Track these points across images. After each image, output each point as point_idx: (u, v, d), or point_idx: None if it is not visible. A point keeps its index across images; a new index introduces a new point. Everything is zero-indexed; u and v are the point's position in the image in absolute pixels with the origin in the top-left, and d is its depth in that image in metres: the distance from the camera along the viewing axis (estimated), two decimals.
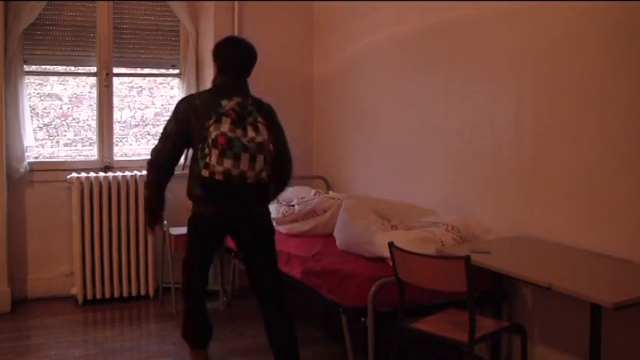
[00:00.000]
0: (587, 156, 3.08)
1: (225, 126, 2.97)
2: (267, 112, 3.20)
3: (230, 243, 4.66)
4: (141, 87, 5.18)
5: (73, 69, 4.99)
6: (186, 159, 3.29)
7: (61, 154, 4.99)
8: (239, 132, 2.98)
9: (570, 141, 3.16)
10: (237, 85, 3.23)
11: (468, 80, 3.79)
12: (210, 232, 3.30)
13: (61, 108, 5.01)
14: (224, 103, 3.04)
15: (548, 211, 3.28)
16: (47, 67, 4.87)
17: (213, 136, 2.97)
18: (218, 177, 2.96)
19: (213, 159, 2.95)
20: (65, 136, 5.00)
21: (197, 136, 3.09)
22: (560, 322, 3.21)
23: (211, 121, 3.00)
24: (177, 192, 5.15)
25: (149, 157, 3.32)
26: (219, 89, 3.21)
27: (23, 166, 4.64)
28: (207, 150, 2.97)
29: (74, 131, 5.05)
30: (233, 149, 2.95)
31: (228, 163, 2.95)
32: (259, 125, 3.05)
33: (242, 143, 2.96)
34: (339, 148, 5.10)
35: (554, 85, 3.25)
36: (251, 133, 3.00)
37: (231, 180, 2.96)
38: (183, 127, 3.18)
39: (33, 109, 4.87)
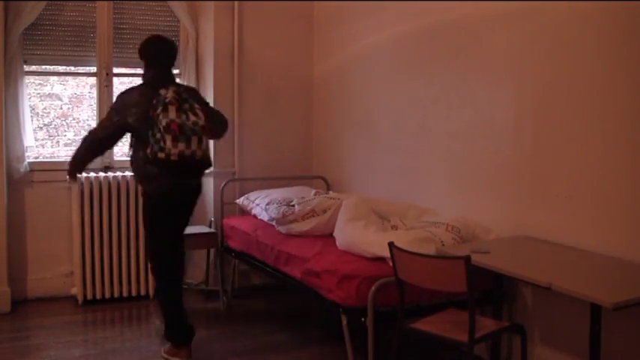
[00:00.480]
0: (587, 156, 3.08)
1: (173, 113, 3.41)
2: (197, 95, 3.76)
3: (232, 243, 4.68)
4: None
5: (73, 69, 4.99)
6: (131, 146, 3.69)
7: (61, 154, 4.99)
8: (183, 117, 3.43)
9: (570, 141, 3.16)
10: (167, 77, 3.67)
11: (468, 80, 3.79)
12: (167, 202, 3.64)
13: (61, 108, 5.02)
14: (162, 92, 3.47)
15: (548, 211, 3.28)
16: (47, 67, 4.87)
17: (164, 123, 3.39)
18: (173, 158, 3.42)
19: (169, 143, 3.40)
20: (65, 136, 5.00)
21: (141, 124, 3.50)
22: (560, 322, 3.21)
23: (159, 110, 3.41)
24: None
25: (87, 134, 3.73)
26: (152, 82, 3.61)
27: (23, 166, 4.64)
28: (159, 135, 3.41)
29: (74, 131, 5.05)
30: (185, 133, 3.42)
31: (181, 146, 3.42)
32: (197, 110, 3.50)
33: (190, 127, 3.44)
34: (339, 148, 5.10)
35: (553, 85, 3.25)
36: (193, 118, 3.46)
37: (184, 159, 3.44)
38: (123, 118, 3.57)
39: (33, 109, 4.87)
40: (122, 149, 5.09)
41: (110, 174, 4.76)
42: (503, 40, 3.53)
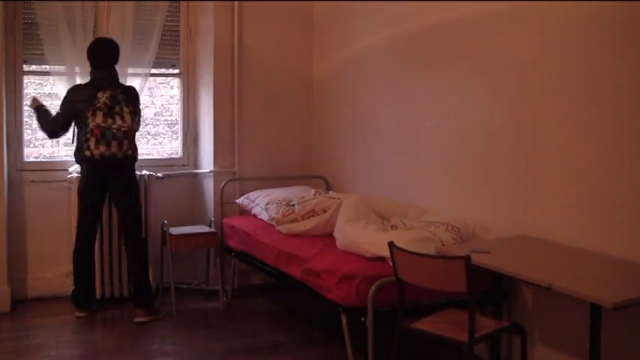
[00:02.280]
0: (587, 156, 3.08)
1: (99, 118, 4.16)
2: (132, 97, 4.34)
3: (232, 243, 4.69)
4: (141, 87, 5.16)
5: None
6: (73, 135, 4.34)
7: (61, 154, 4.99)
8: (110, 121, 4.18)
9: (570, 141, 3.16)
10: (110, 76, 4.30)
11: (467, 80, 3.79)
12: (94, 184, 4.30)
13: None
14: (100, 95, 4.18)
15: (547, 211, 3.28)
16: (47, 67, 4.86)
17: (91, 126, 4.15)
18: (96, 157, 4.18)
19: (92, 145, 4.17)
20: (65, 135, 4.98)
21: (80, 119, 4.21)
22: (560, 322, 3.21)
23: (90, 113, 4.15)
24: (177, 193, 5.19)
25: (52, 124, 4.31)
26: (96, 81, 4.26)
27: (23, 166, 4.64)
28: (88, 135, 4.17)
29: (74, 131, 5.03)
30: (106, 138, 4.17)
31: (102, 148, 4.17)
32: (125, 114, 4.23)
33: (112, 132, 4.17)
34: (339, 148, 5.10)
35: (553, 85, 3.25)
36: (119, 121, 4.20)
37: (105, 158, 4.19)
38: (69, 111, 4.25)
39: None
40: None
41: None
42: (503, 40, 3.53)
